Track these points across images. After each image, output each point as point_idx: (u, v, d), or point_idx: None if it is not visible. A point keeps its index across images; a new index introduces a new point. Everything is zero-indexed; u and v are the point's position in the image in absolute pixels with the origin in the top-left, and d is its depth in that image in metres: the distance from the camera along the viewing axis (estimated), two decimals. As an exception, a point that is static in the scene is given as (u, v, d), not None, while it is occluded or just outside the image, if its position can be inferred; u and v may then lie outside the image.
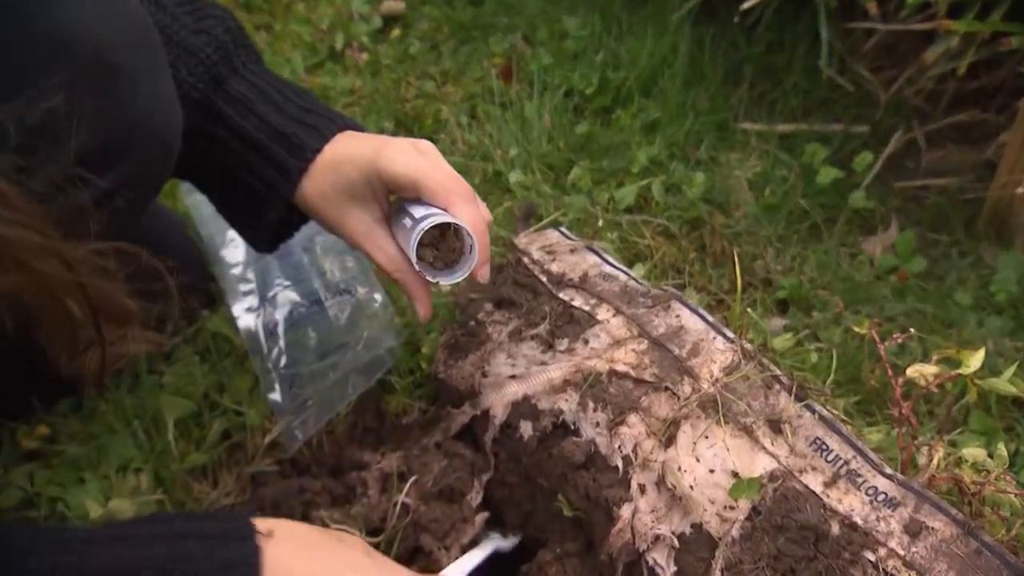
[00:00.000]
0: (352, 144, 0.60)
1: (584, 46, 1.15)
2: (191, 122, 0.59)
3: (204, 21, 0.61)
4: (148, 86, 0.51)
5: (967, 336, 0.84)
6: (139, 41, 0.50)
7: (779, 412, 0.58)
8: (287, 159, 0.59)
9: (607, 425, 0.61)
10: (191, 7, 0.62)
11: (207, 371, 0.79)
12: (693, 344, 0.63)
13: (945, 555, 0.50)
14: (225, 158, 0.61)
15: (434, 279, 0.57)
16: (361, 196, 0.59)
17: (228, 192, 0.64)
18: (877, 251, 0.95)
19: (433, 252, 0.58)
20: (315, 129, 0.60)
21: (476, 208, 0.57)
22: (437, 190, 0.56)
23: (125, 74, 0.49)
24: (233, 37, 0.61)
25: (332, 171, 0.59)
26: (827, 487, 0.54)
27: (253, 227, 0.65)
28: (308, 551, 0.50)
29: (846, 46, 1.12)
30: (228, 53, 0.61)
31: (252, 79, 0.62)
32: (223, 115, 0.60)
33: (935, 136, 1.07)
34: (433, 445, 0.70)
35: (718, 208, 0.97)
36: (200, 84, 0.59)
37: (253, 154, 0.60)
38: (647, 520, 0.58)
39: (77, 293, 0.43)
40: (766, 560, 0.53)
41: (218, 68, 0.60)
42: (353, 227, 0.60)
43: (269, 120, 0.60)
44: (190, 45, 0.59)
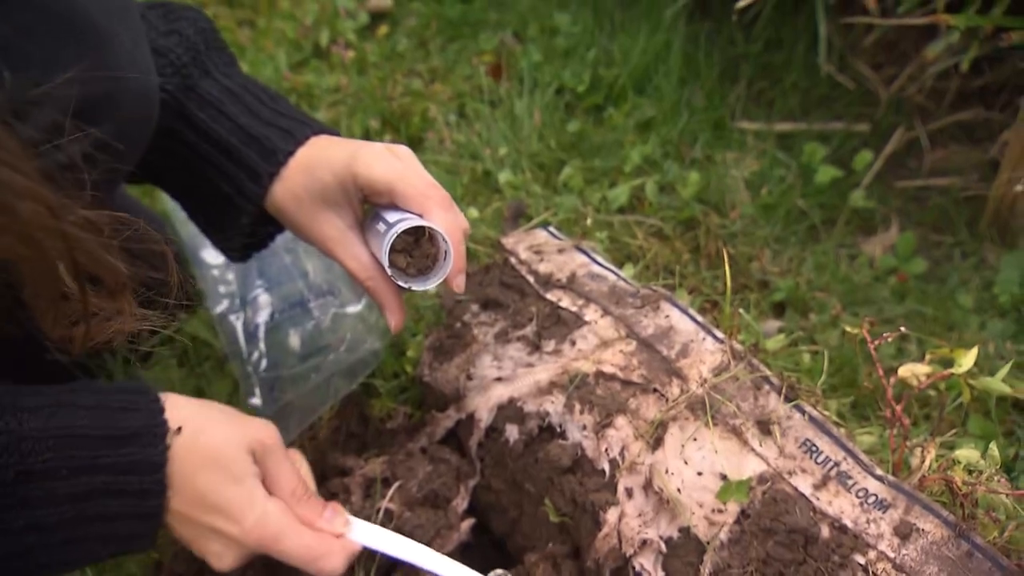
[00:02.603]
0: (327, 148, 0.61)
1: (575, 43, 1.17)
2: (161, 123, 0.60)
3: (175, 23, 0.62)
4: (128, 49, 0.53)
5: (969, 339, 0.85)
6: (121, 11, 0.53)
7: (768, 413, 0.59)
8: (258, 162, 0.60)
9: (594, 428, 0.62)
10: (162, 10, 0.63)
11: (185, 375, 0.80)
12: (682, 345, 0.64)
13: (936, 557, 0.52)
14: (196, 161, 0.62)
15: (406, 284, 0.58)
16: (334, 201, 0.60)
17: (199, 196, 0.65)
18: (877, 252, 0.97)
19: (406, 258, 0.58)
20: (288, 133, 0.61)
21: (452, 215, 0.58)
22: (413, 195, 0.57)
23: (107, 37, 0.51)
24: (205, 39, 0.63)
25: (305, 174, 0.60)
26: (817, 489, 0.56)
27: (225, 233, 0.66)
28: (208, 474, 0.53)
29: (846, 43, 1.14)
30: (199, 54, 0.62)
31: (224, 82, 0.63)
32: (193, 118, 0.61)
33: (937, 135, 1.08)
34: (418, 450, 0.71)
35: (713, 208, 0.98)
36: (169, 86, 0.60)
37: (224, 157, 0.61)
38: (634, 524, 0.59)
39: (61, 245, 0.43)
40: (755, 564, 0.54)
41: (188, 69, 0.62)
42: (325, 232, 0.60)
43: (240, 123, 0.61)
44: (160, 47, 0.60)
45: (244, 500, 0.53)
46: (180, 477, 0.51)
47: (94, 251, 0.45)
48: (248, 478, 0.53)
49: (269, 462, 0.55)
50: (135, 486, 0.50)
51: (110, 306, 0.47)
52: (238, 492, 0.53)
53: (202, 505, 0.52)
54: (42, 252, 0.43)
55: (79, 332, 0.47)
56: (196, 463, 0.52)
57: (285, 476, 0.56)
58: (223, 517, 0.52)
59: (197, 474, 0.52)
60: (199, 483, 0.52)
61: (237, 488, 0.53)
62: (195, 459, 0.52)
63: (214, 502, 0.52)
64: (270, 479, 0.55)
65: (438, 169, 1.03)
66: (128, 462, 0.50)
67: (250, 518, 0.52)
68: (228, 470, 0.53)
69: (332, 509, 0.58)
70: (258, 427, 0.55)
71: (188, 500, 0.52)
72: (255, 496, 0.53)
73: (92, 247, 0.45)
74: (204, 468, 0.52)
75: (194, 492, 0.52)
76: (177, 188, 0.67)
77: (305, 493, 0.56)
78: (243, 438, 0.54)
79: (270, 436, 0.55)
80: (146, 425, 0.51)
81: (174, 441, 0.51)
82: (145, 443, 0.50)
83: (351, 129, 1.11)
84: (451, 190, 0.99)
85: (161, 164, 0.63)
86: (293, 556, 0.54)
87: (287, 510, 0.54)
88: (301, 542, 0.54)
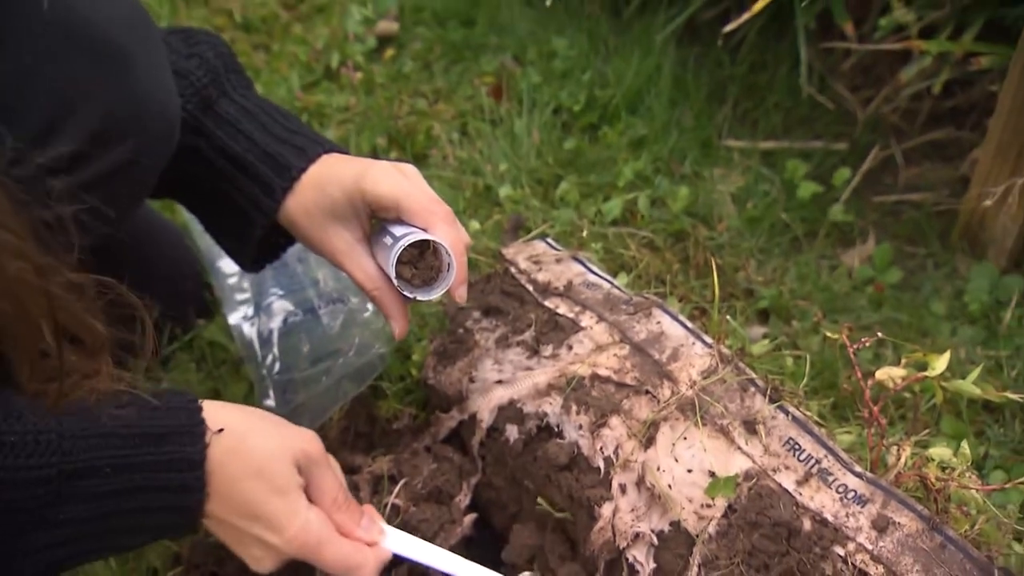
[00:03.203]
0: (337, 165, 0.62)
1: (572, 65, 1.18)
2: (181, 140, 0.60)
3: (196, 47, 0.63)
4: (150, 71, 0.53)
5: (941, 344, 0.86)
6: (143, 33, 0.54)
7: (754, 414, 0.60)
8: (272, 178, 0.61)
9: (589, 427, 0.63)
10: (183, 35, 0.64)
11: (203, 378, 0.80)
12: (673, 349, 0.65)
13: (911, 549, 0.52)
14: (213, 176, 0.63)
15: (411, 295, 0.59)
16: (343, 215, 0.61)
17: (215, 209, 0.66)
18: (855, 263, 0.97)
19: (411, 270, 0.59)
20: (300, 150, 0.62)
21: (455, 229, 0.59)
22: (418, 210, 0.58)
23: (131, 59, 0.51)
24: (224, 62, 0.64)
25: (316, 190, 0.61)
26: (799, 485, 0.56)
27: (239, 244, 0.67)
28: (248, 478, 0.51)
29: (826, 66, 1.16)
30: (218, 76, 0.63)
31: (241, 102, 0.64)
32: (212, 135, 0.62)
33: (911, 153, 1.09)
34: (423, 449, 0.72)
35: (702, 221, 0.99)
36: (189, 105, 0.61)
37: (240, 172, 0.62)
38: (627, 519, 0.60)
39: (44, 304, 0.43)
40: (741, 556, 0.55)
41: (208, 90, 0.62)
42: (334, 245, 0.61)
43: (256, 140, 0.62)
44: (181, 68, 0.61)
45: (288, 511, 0.52)
46: (221, 480, 0.50)
47: (76, 312, 0.45)
48: (292, 490, 0.52)
49: (313, 473, 0.54)
50: (175, 482, 0.49)
51: (88, 366, 0.47)
52: (282, 504, 0.52)
53: (245, 513, 0.51)
54: (24, 310, 0.42)
55: (53, 389, 0.46)
56: (240, 470, 0.51)
57: (328, 485, 0.55)
58: (266, 527, 0.52)
59: (241, 481, 0.51)
60: (243, 491, 0.51)
61: (281, 500, 0.52)
62: (238, 465, 0.51)
63: (258, 512, 0.51)
64: (313, 488, 0.55)
65: (441, 184, 1.04)
66: (168, 460, 0.49)
67: (293, 528, 0.52)
68: (273, 481, 0.51)
69: (368, 517, 0.58)
70: (303, 438, 0.55)
71: (230, 506, 0.51)
72: (299, 507, 0.52)
73: (74, 308, 0.45)
74: (248, 476, 0.51)
75: (237, 499, 0.51)
76: (195, 201, 0.68)
77: (345, 501, 0.56)
78: (289, 450, 0.53)
79: (315, 447, 0.55)
80: (184, 424, 0.50)
81: (214, 441, 0.50)
82: (184, 442, 0.49)
83: (359, 146, 1.11)
84: (454, 204, 1.00)
85: (180, 179, 0.63)
86: (330, 565, 0.54)
87: (327, 519, 0.54)
88: (340, 552, 0.54)
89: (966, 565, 0.51)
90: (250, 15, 1.35)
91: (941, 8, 0.98)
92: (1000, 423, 0.80)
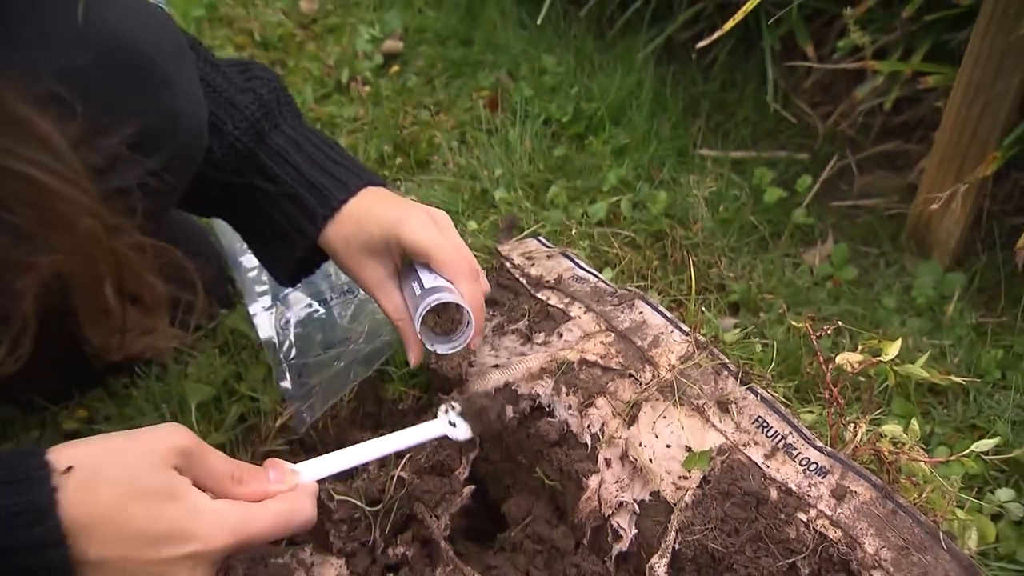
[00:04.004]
0: (377, 204, 0.62)
1: (561, 81, 1.18)
2: (234, 170, 0.61)
3: (251, 81, 0.63)
4: (183, 86, 0.53)
5: (892, 334, 0.87)
6: (177, 53, 0.54)
7: (727, 395, 0.60)
8: (315, 207, 0.61)
9: (578, 407, 0.63)
10: (241, 67, 0.64)
11: (226, 362, 0.80)
12: (654, 337, 0.65)
13: (866, 515, 0.53)
14: (262, 203, 0.63)
15: (432, 346, 0.60)
16: (378, 252, 0.61)
17: (261, 232, 0.66)
18: (816, 261, 0.98)
19: (435, 318, 0.60)
20: (343, 183, 0.62)
21: (477, 285, 0.60)
22: (447, 265, 0.59)
23: (166, 76, 0.51)
24: (276, 97, 0.63)
25: (355, 224, 0.61)
26: (767, 459, 0.56)
27: (280, 263, 0.67)
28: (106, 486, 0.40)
29: (789, 84, 1.16)
30: (271, 111, 0.63)
31: (291, 134, 0.64)
32: (263, 166, 0.62)
33: (865, 162, 1.10)
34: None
35: (678, 222, 0.99)
36: (244, 138, 0.61)
37: (286, 200, 0.62)
38: (612, 489, 0.60)
39: (111, 262, 0.41)
40: (715, 522, 0.55)
41: (261, 124, 0.62)
42: (367, 276, 0.62)
43: (303, 171, 0.62)
44: (237, 102, 0.61)
45: (190, 513, 0.42)
46: (92, 520, 0.39)
47: (139, 270, 0.44)
48: (181, 490, 0.42)
49: (194, 462, 0.44)
50: (27, 539, 0.37)
51: (146, 323, 0.45)
52: (179, 509, 0.41)
53: (145, 540, 0.40)
54: (94, 266, 0.41)
55: (115, 343, 0.44)
56: (110, 499, 0.40)
57: (215, 466, 0.45)
58: (175, 541, 0.41)
59: (119, 510, 0.40)
60: (127, 519, 0.40)
61: (175, 505, 0.41)
62: (106, 495, 0.39)
63: (158, 531, 0.40)
64: (203, 476, 0.44)
65: (442, 188, 1.03)
66: (14, 512, 0.37)
67: (205, 526, 0.42)
68: (155, 493, 0.41)
69: (274, 469, 0.49)
70: (165, 434, 0.43)
71: (122, 542, 0.40)
72: (198, 503, 0.43)
73: (137, 267, 0.44)
74: (124, 501, 0.40)
75: (125, 531, 0.40)
76: (243, 223, 0.68)
77: (241, 470, 0.47)
78: (154, 453, 0.42)
79: (182, 437, 0.44)
80: (28, 467, 0.39)
81: (64, 482, 0.38)
82: (30, 487, 0.38)
83: (368, 153, 1.11)
84: (454, 206, 1.00)
85: (232, 203, 0.64)
86: (267, 533, 0.45)
87: (235, 499, 0.45)
88: (267, 517, 0.45)
89: (914, 529, 0.51)
90: (268, 34, 1.34)
91: (892, 32, 0.98)
92: (944, 404, 0.81)
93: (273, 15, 1.36)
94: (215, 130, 0.60)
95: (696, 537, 0.55)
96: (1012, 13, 0.77)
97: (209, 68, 0.61)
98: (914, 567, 0.50)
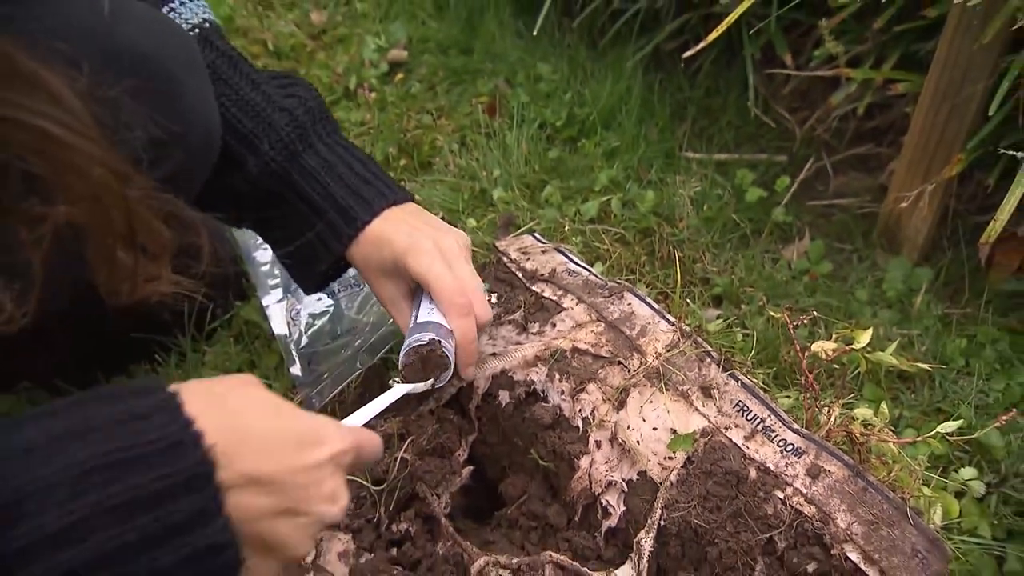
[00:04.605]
0: (396, 228, 0.61)
1: (555, 87, 1.17)
2: (268, 186, 0.61)
3: (287, 100, 0.62)
4: (197, 93, 0.53)
5: (864, 325, 0.86)
6: (192, 62, 0.53)
7: (709, 380, 0.60)
8: (342, 227, 0.62)
9: (570, 392, 0.63)
10: (280, 82, 0.63)
11: (240, 351, 0.79)
12: (641, 327, 0.65)
13: (838, 493, 0.53)
14: (293, 218, 0.63)
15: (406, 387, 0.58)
16: (392, 273, 0.62)
17: (293, 244, 0.66)
18: (793, 256, 0.98)
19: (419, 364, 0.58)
20: (368, 203, 0.62)
21: (468, 321, 0.59)
22: (441, 299, 0.59)
23: (181, 86, 0.51)
24: (312, 116, 0.63)
25: (374, 247, 0.61)
26: (747, 440, 0.56)
27: (305, 274, 0.67)
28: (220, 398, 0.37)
29: (769, 91, 1.16)
30: (306, 131, 0.62)
31: (324, 152, 0.63)
32: (295, 184, 0.62)
33: (839, 164, 1.10)
34: (427, 412, 0.71)
35: (665, 220, 0.99)
36: (279, 157, 0.61)
37: (315, 218, 0.62)
38: (602, 469, 0.60)
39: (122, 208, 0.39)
40: (698, 500, 0.55)
41: (295, 144, 0.62)
42: (383, 293, 0.63)
43: (332, 191, 0.62)
44: (273, 121, 0.61)
45: (314, 419, 0.39)
46: (242, 437, 0.35)
47: (147, 218, 0.42)
48: (294, 406, 0.39)
49: None
50: (176, 471, 0.32)
51: (152, 270, 0.43)
52: (304, 417, 0.39)
53: (289, 448, 0.36)
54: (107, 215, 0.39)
55: (126, 289, 0.42)
56: (248, 418, 0.36)
57: None
58: (313, 445, 0.37)
59: (260, 423, 0.36)
60: (268, 431, 0.36)
61: (300, 414, 0.39)
62: (243, 416, 0.36)
63: (296, 437, 0.37)
64: None
65: (444, 188, 1.03)
66: (158, 450, 0.32)
67: (331, 429, 0.39)
68: (279, 407, 0.38)
69: None
70: (249, 377, 0.40)
71: (272, 453, 0.36)
72: (315, 414, 0.40)
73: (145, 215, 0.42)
74: (260, 416, 0.37)
75: (272, 442, 0.36)
76: (276, 236, 0.67)
77: None
78: (255, 383, 0.39)
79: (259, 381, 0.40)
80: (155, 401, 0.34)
81: (198, 412, 0.34)
82: (165, 421, 0.33)
83: (374, 155, 1.10)
84: (454, 205, 0.99)
85: (265, 217, 0.64)
86: (371, 448, 0.43)
87: None
88: (365, 432, 0.43)
89: (883, 505, 0.52)
90: (281, 44, 1.33)
91: (865, 42, 0.98)
92: (912, 389, 0.81)
93: (286, 26, 1.35)
94: (251, 148, 0.60)
95: (680, 514, 0.55)
96: (976, 24, 0.76)
97: (249, 86, 0.61)
98: (883, 541, 0.50)
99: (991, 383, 0.81)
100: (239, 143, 0.60)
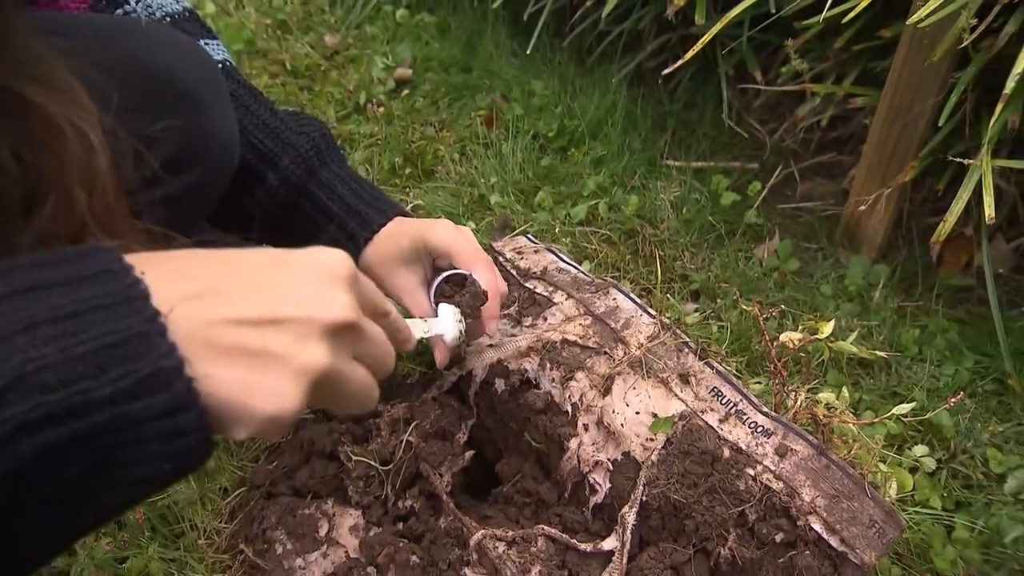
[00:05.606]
0: (407, 222, 0.63)
1: (547, 102, 1.17)
2: (287, 198, 0.61)
3: (305, 127, 0.63)
4: (218, 112, 0.53)
5: (827, 317, 0.86)
6: (214, 83, 0.53)
7: (687, 368, 0.60)
8: (357, 230, 0.62)
9: (560, 380, 0.63)
10: (294, 116, 0.65)
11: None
12: (625, 320, 0.65)
13: (804, 469, 0.53)
14: (311, 226, 0.63)
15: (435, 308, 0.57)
16: (410, 260, 0.61)
17: None
18: (764, 255, 0.97)
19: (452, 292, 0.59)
20: (381, 211, 0.63)
21: (494, 274, 0.60)
22: (467, 256, 0.59)
23: (204, 102, 0.51)
24: (326, 142, 0.64)
25: (390, 240, 0.61)
26: (721, 423, 0.56)
27: None
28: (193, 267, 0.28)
29: (741, 104, 1.15)
30: (321, 151, 0.63)
31: (337, 171, 0.64)
32: (313, 195, 0.62)
33: (805, 171, 1.10)
34: (430, 399, 0.71)
35: (647, 222, 0.98)
36: (298, 171, 0.61)
37: (333, 225, 0.63)
38: (589, 450, 0.60)
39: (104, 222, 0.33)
40: (676, 477, 0.55)
41: (312, 160, 0.62)
42: (400, 284, 0.62)
43: (347, 201, 0.62)
44: (293, 142, 0.61)
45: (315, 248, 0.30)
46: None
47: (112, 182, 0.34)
48: None
49: (361, 288, 0.33)
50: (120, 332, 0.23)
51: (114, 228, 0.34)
52: (304, 251, 0.29)
53: (259, 296, 0.26)
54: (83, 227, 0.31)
55: (87, 237, 0.33)
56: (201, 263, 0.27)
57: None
58: (293, 264, 0.28)
59: (224, 266, 0.27)
60: (253, 275, 0.27)
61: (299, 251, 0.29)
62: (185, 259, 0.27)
63: (279, 258, 0.28)
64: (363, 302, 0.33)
65: (445, 194, 1.02)
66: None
67: (334, 252, 0.29)
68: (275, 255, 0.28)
69: None
70: (340, 255, 0.32)
71: (228, 300, 0.26)
72: None
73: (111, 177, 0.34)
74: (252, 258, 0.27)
75: (221, 265, 0.26)
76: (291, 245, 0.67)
77: None
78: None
79: (351, 264, 0.33)
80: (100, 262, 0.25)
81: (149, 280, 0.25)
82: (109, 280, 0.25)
83: (381, 164, 1.10)
84: (455, 209, 0.99)
85: (282, 227, 0.64)
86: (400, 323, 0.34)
87: None
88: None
89: (844, 480, 0.52)
90: (297, 64, 1.32)
91: (827, 60, 0.98)
92: (870, 375, 0.81)
93: (301, 48, 1.34)
94: (272, 164, 0.60)
95: (661, 490, 0.55)
96: (926, 44, 0.76)
97: (269, 113, 0.62)
98: (844, 512, 0.50)
99: (941, 369, 0.81)
100: (259, 160, 0.60)
